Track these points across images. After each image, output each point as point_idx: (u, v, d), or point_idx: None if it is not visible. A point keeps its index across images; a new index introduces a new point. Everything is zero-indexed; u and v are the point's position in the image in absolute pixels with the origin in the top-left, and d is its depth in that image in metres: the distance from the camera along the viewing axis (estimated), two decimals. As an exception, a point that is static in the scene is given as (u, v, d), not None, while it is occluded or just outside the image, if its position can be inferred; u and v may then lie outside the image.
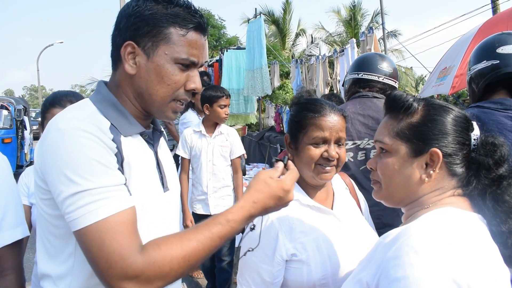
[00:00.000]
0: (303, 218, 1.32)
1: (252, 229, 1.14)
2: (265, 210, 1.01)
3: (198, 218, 3.32)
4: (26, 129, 10.17)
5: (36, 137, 20.72)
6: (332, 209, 1.40)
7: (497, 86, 1.66)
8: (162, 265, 0.88)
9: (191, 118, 4.06)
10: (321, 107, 1.34)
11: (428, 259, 0.79)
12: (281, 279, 1.28)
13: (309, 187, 1.39)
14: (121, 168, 0.96)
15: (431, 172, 0.96)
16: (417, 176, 0.98)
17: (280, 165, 1.08)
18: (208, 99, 3.18)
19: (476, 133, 0.98)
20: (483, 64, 1.65)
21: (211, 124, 3.28)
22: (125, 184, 0.95)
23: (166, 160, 1.17)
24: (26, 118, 10.63)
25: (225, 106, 3.20)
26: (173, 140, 5.00)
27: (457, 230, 0.86)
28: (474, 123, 1.00)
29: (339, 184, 1.53)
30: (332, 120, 1.32)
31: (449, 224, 0.87)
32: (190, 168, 3.38)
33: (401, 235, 0.86)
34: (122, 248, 0.87)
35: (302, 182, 1.39)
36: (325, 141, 1.32)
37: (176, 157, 3.24)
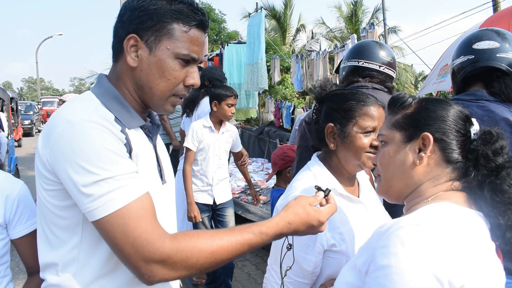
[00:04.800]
0: (339, 208, 1.32)
1: (289, 249, 1.17)
2: (295, 233, 1.06)
3: (201, 206, 3.49)
4: (2, 130, 6.67)
5: (27, 133, 20.05)
6: (359, 198, 1.43)
7: (474, 79, 1.78)
8: (190, 255, 0.91)
9: None
10: (367, 97, 1.37)
11: (413, 251, 0.82)
12: (319, 269, 1.29)
13: (344, 177, 1.40)
14: (130, 158, 0.98)
15: (423, 154, 0.98)
16: (410, 160, 1.00)
17: (321, 194, 1.11)
18: (218, 97, 3.39)
19: (476, 128, 1.00)
20: (461, 59, 1.79)
21: (217, 120, 3.48)
22: (136, 172, 0.97)
23: (163, 153, 1.20)
24: (2, 115, 7.19)
25: (232, 105, 3.42)
26: (166, 135, 5.02)
27: (449, 226, 0.87)
28: (474, 120, 1.02)
29: (361, 173, 1.54)
30: (379, 109, 1.36)
31: (441, 220, 0.88)
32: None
33: (393, 225, 0.89)
34: (147, 232, 0.90)
35: (339, 171, 1.40)
36: (374, 130, 1.35)
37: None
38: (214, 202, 3.53)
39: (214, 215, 3.63)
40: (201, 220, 3.43)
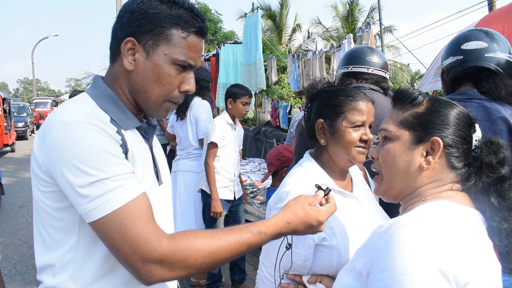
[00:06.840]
0: None
1: (288, 248, 1.17)
2: (294, 232, 1.07)
3: (223, 203, 3.56)
4: None
5: (21, 136, 19.50)
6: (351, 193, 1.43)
7: (464, 78, 1.82)
8: (188, 255, 0.91)
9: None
10: (355, 92, 1.39)
11: (417, 250, 0.81)
12: (310, 262, 1.30)
13: (335, 172, 1.41)
14: (126, 159, 0.98)
15: (431, 159, 0.98)
16: (416, 163, 0.99)
17: (321, 194, 1.12)
18: (233, 94, 3.56)
19: (478, 134, 1.00)
20: (450, 60, 1.82)
21: (232, 118, 3.63)
22: (133, 172, 0.97)
23: (159, 154, 1.19)
24: None
25: (246, 104, 3.59)
26: (164, 135, 4.97)
27: (448, 222, 0.87)
28: (477, 126, 1.02)
29: (355, 169, 1.55)
30: (368, 104, 1.38)
31: (441, 217, 0.89)
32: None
33: (393, 225, 0.88)
34: (145, 232, 0.90)
35: (330, 167, 1.42)
36: (363, 124, 1.36)
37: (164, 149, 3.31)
38: (234, 197, 3.66)
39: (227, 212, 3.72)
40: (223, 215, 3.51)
